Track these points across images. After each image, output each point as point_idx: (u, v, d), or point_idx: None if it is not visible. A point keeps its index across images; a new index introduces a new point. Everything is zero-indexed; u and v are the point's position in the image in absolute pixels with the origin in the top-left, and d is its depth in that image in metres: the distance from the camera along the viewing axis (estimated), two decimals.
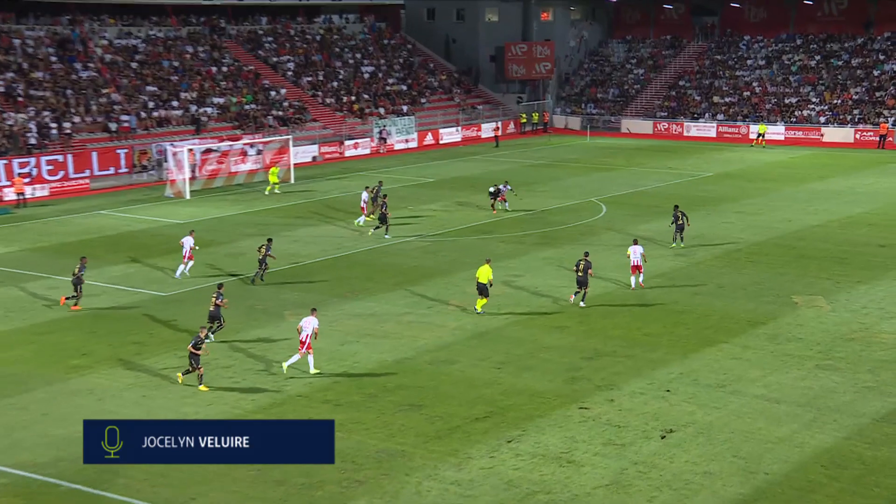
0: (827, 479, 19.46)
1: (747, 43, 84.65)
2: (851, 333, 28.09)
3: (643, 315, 30.28)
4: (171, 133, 62.54)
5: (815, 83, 77.25)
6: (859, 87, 74.91)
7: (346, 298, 32.81)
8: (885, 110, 71.68)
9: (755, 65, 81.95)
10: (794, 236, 40.60)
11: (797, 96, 76.70)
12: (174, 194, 53.68)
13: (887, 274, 34.27)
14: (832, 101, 74.66)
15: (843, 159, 63.00)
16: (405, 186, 55.72)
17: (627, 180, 55.72)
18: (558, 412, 22.90)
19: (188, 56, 71.08)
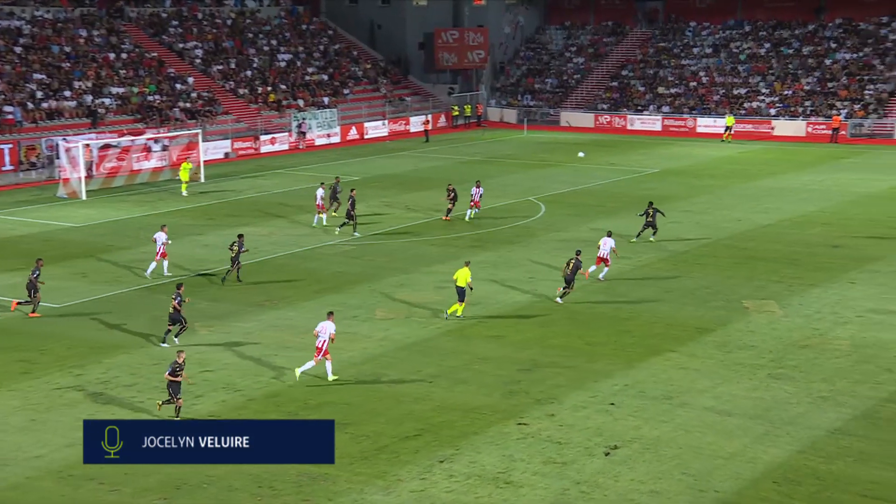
0: (780, 497, 19.87)
1: (693, 30, 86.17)
2: (805, 340, 28.71)
3: (585, 322, 30.59)
4: (64, 126, 61.46)
5: (764, 73, 78.94)
6: (811, 78, 76.76)
7: (264, 307, 32.57)
8: (837, 102, 73.52)
9: (702, 53, 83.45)
10: (743, 237, 41.37)
11: (746, 87, 78.29)
12: (68, 194, 52.75)
13: (841, 276, 35.13)
14: (783, 93, 76.36)
15: (794, 154, 64.42)
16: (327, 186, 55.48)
17: (567, 177, 56.27)
18: (495, 429, 23.01)
19: (82, 40, 69.89)
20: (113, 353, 28.47)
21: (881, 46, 77.31)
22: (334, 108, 74.95)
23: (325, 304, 32.71)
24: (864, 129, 71.01)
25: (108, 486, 20.63)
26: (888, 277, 34.92)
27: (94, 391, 25.69)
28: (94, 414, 24.16)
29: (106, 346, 29.09)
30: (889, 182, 53.30)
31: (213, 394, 25.35)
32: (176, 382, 23.29)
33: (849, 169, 58.34)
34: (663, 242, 40.19)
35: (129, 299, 33.79)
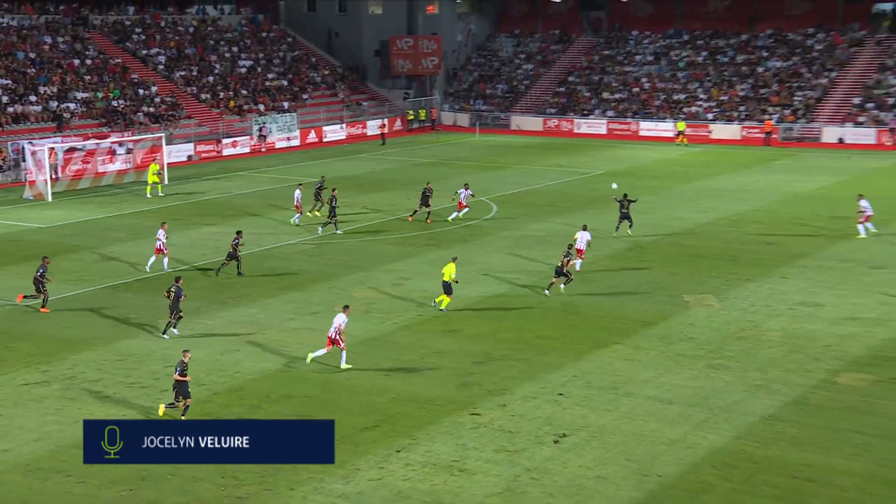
0: (718, 480, 20.08)
1: (635, 38, 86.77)
2: (741, 332, 29.04)
3: (535, 317, 30.70)
4: (30, 130, 60.61)
5: (702, 79, 79.69)
6: (745, 84, 77.62)
7: (227, 305, 32.33)
8: (769, 107, 74.44)
9: (643, 60, 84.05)
10: (684, 235, 41.74)
11: (685, 92, 78.97)
12: (34, 196, 52.04)
13: (774, 271, 35.57)
14: (719, 98, 77.13)
15: (730, 156, 65.10)
16: (288, 187, 55.17)
17: (518, 179, 56.43)
18: (449, 419, 23.02)
19: (47, 47, 68.92)
20: (79, 349, 28.12)
21: (808, 56, 78.39)
22: (294, 112, 74.52)
23: (285, 302, 32.57)
24: (794, 133, 71.91)
25: (74, 479, 20.37)
26: (816, 272, 35.41)
27: (61, 387, 25.35)
28: (61, 409, 23.86)
29: (72, 342, 28.72)
30: (816, 183, 54.04)
31: None
32: (184, 382, 22.72)
33: (780, 171, 59.05)
34: (609, 241, 40.43)
35: (95, 297, 33.39)
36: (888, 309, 30.91)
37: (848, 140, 69.69)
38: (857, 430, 22.20)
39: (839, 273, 35.13)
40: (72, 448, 21.77)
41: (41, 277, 31.73)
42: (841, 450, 21.29)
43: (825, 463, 20.72)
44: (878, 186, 52.63)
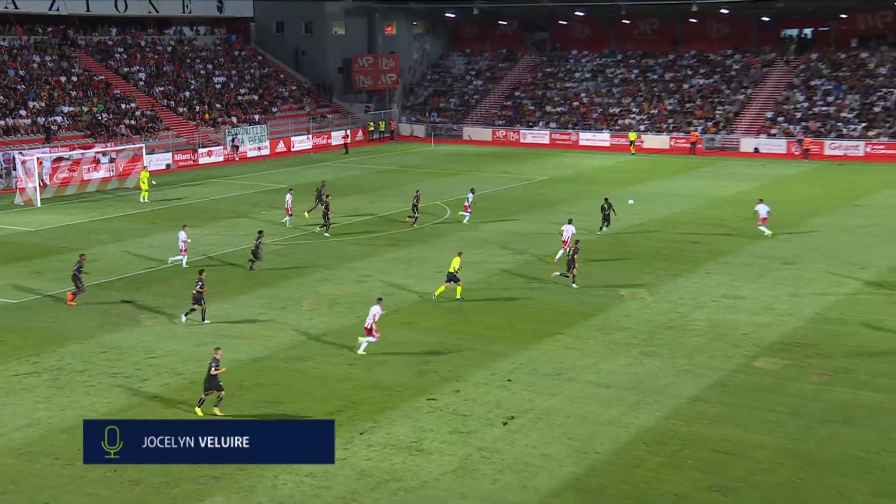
0: (649, 456, 20.26)
1: (575, 57, 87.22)
2: (670, 322, 29.30)
3: (485, 310, 30.75)
4: (20, 142, 59.59)
5: (634, 95, 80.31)
6: (672, 99, 78.36)
7: None
8: (694, 120, 75.27)
9: (582, 77, 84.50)
10: (620, 235, 41.99)
11: (620, 106, 79.52)
12: (24, 202, 51.29)
13: (699, 267, 35.94)
14: (650, 111, 77.80)
15: (660, 164, 65.68)
16: (258, 192, 54.80)
17: (470, 185, 56.36)
18: (408, 404, 23.00)
19: (35, 65, 67.79)
20: (66, 342, 27.71)
21: (727, 74, 79.34)
22: (264, 124, 73.97)
23: (257, 298, 32.33)
24: (716, 143, 72.72)
25: (63, 461, 20.10)
26: (736, 268, 35.84)
27: (50, 377, 24.99)
28: (50, 397, 23.52)
29: (59, 336, 28.29)
30: (736, 188, 54.66)
31: (158, 377, 24.85)
32: (216, 376, 22.03)
33: (704, 177, 59.67)
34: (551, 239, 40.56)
35: (81, 295, 32.87)
36: (798, 300, 31.39)
37: (763, 149, 70.63)
38: (770, 409, 22.52)
39: (757, 269, 35.58)
40: (60, 433, 21.48)
41: (78, 272, 31.35)
42: (756, 426, 21.58)
43: (743, 438, 20.99)
44: (789, 192, 53.48)
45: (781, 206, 48.48)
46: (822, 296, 31.79)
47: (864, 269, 35.21)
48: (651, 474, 19.42)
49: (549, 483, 19.09)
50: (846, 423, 21.67)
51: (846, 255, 37.55)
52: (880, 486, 18.87)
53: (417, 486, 19.02)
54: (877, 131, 68.69)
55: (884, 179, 56.80)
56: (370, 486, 18.99)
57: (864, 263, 36.11)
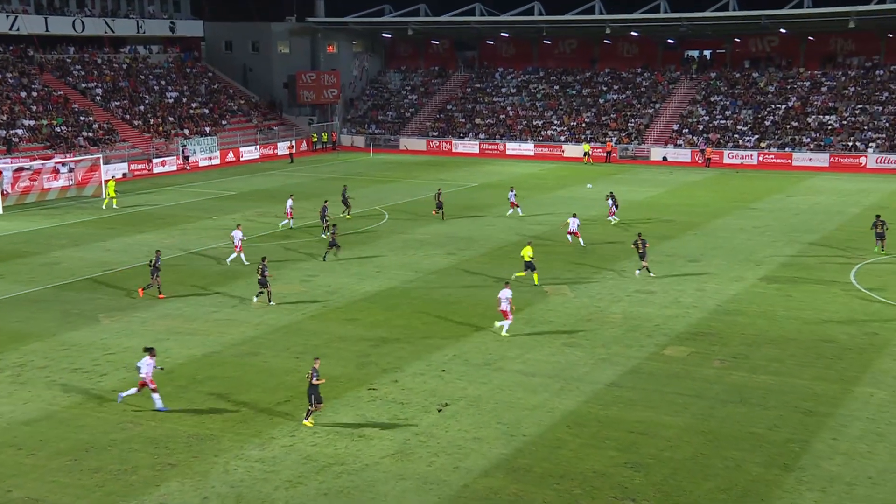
0: (571, 437, 20.47)
1: (501, 74, 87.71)
2: (589, 316, 29.61)
3: (422, 306, 30.73)
4: None
5: (556, 108, 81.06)
6: (589, 112, 79.31)
7: (158, 300, 31.40)
8: (609, 131, 76.27)
9: (508, 92, 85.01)
10: (544, 236, 42.26)
11: (542, 119, 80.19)
12: None
13: (616, 265, 36.38)
14: (570, 123, 78.62)
15: (579, 171, 66.40)
16: (209, 199, 53.99)
17: (406, 190, 56.39)
18: (350, 394, 22.89)
19: None
20: (27, 340, 26.97)
21: (638, 90, 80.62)
22: (215, 136, 72.90)
23: (209, 297, 31.84)
24: (629, 152, 73.81)
25: (25, 451, 19.57)
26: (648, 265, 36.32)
27: (12, 373, 24.30)
28: (13, 393, 22.88)
29: (21, 335, 27.52)
30: (647, 193, 55.50)
31: (116, 372, 24.33)
32: (317, 386, 20.83)
33: (619, 182, 60.41)
34: (482, 240, 40.78)
35: (42, 296, 32.06)
36: (702, 294, 31.99)
37: (670, 158, 71.89)
38: (678, 392, 22.91)
39: (665, 266, 36.14)
40: (22, 425, 20.91)
41: (155, 266, 31.29)
42: (666, 408, 21.95)
43: (654, 419, 21.33)
44: (694, 196, 54.48)
45: (687, 209, 49.46)
46: (723, 290, 32.46)
47: (760, 266, 36.05)
48: (572, 454, 19.62)
49: (480, 463, 19.16)
50: (743, 404, 22.17)
51: (744, 252, 38.40)
52: (772, 458, 19.37)
53: (359, 468, 18.94)
54: (768, 142, 70.52)
55: (775, 185, 58.27)
56: (315, 470, 18.85)
57: (759, 260, 36.97)
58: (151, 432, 20.53)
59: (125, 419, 21.27)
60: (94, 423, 21.10)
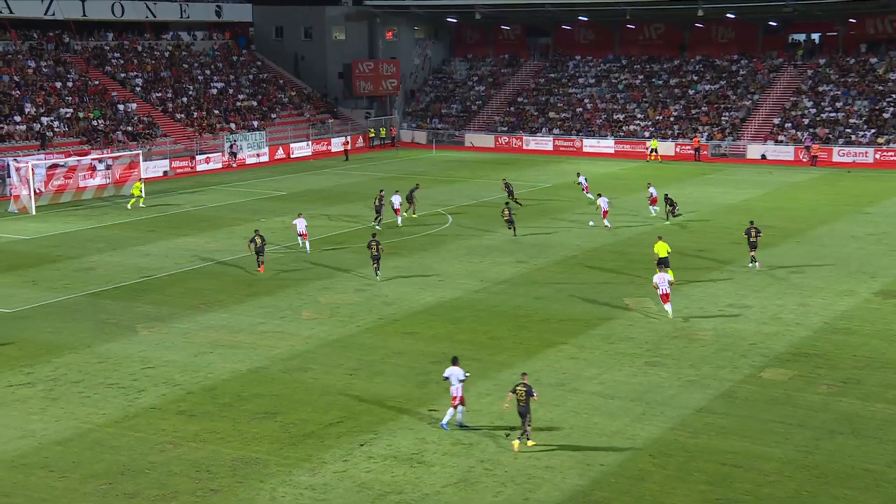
0: (655, 468, 20.24)
1: (578, 62, 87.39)
2: (675, 332, 29.29)
3: (488, 320, 30.75)
4: (15, 148, 59.68)
5: (639, 100, 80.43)
6: (677, 105, 78.47)
7: (199, 310, 32.04)
8: (699, 126, 75.36)
9: (586, 83, 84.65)
10: (625, 243, 42.00)
11: (624, 112, 79.65)
12: (19, 210, 51.36)
13: (705, 276, 35.92)
14: (655, 117, 77.91)
15: (665, 170, 65.73)
16: (257, 200, 54.90)
17: (471, 192, 56.54)
18: (409, 415, 23.00)
19: (30, 71, 67.94)
20: (61, 352, 27.74)
21: (733, 80, 79.48)
22: (263, 130, 74.12)
23: (255, 307, 32.36)
24: (722, 150, 72.81)
25: (57, 474, 20.10)
26: (742, 276, 35.82)
27: (45, 388, 25.00)
28: (45, 409, 23.55)
29: (54, 346, 28.32)
30: (741, 195, 54.66)
31: (155, 388, 24.86)
32: (526, 405, 21.04)
33: (710, 184, 59.69)
34: (555, 247, 40.65)
35: (76, 304, 32.95)
36: (806, 310, 31.37)
37: (770, 156, 70.70)
38: (778, 420, 22.49)
39: (764, 277, 35.56)
40: (55, 445, 21.49)
41: (262, 247, 36.42)
42: (764, 438, 21.57)
43: (750, 450, 20.97)
44: (797, 199, 53.49)
45: (789, 214, 48.57)
46: (831, 305, 31.78)
47: (874, 278, 35.20)
48: (657, 487, 19.40)
49: (553, 495, 19.07)
50: (855, 436, 21.64)
51: (855, 263, 37.54)
52: (890, 499, 18.84)
53: (418, 498, 19.01)
54: (886, 138, 68.74)
55: (893, 187, 56.81)
56: (370, 499, 18.98)
57: (873, 272, 36.10)
58: (192, 454, 20.92)
59: (164, 439, 21.71)
60: (131, 443, 21.59)
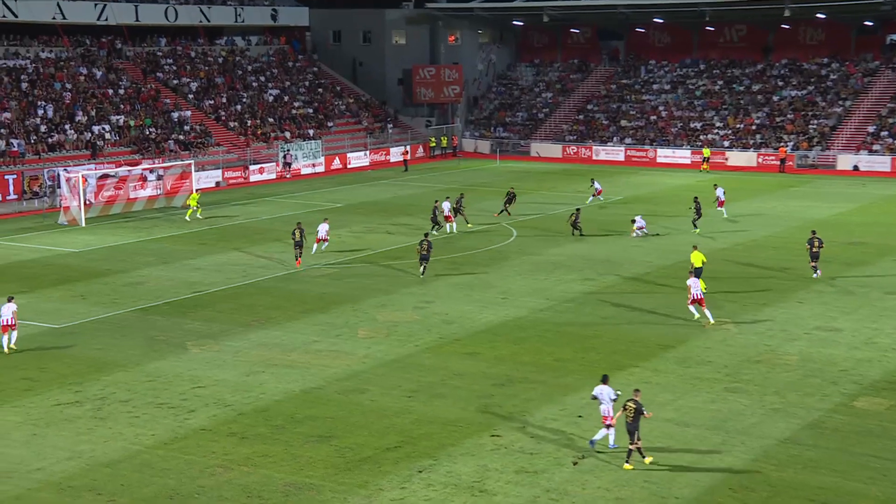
0: (735, 502, 19.89)
1: (653, 67, 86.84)
2: (758, 355, 28.84)
3: (554, 340, 30.62)
4: (65, 158, 61.16)
5: (718, 108, 79.60)
6: (760, 112, 77.47)
7: (252, 327, 32.42)
8: (784, 135, 74.23)
9: (661, 89, 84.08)
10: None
11: (702, 120, 78.88)
12: (68, 222, 52.50)
13: (790, 296, 35.33)
14: (735, 126, 77.01)
15: (746, 183, 64.90)
16: (313, 212, 55.42)
17: (536, 204, 56.42)
18: (470, 440, 22.96)
19: (82, 77, 69.68)
20: (110, 370, 28.26)
21: (823, 85, 78.21)
22: (319, 139, 74.94)
23: (310, 324, 32.63)
24: (809, 161, 71.64)
25: (105, 497, 20.44)
26: (832, 297, 35.17)
27: (93, 407, 25.48)
28: (93, 429, 23.98)
29: (103, 363, 28.87)
30: (831, 210, 53.73)
31: (205, 409, 25.18)
32: (634, 422, 21.32)
33: (796, 197, 58.78)
34: (625, 264, 40.36)
35: (125, 320, 33.58)
36: None
37: (863, 167, 69.38)
38: (873, 454, 21.97)
39: (856, 298, 34.86)
40: (103, 467, 21.87)
41: (300, 241, 40.01)
42: (857, 473, 21.08)
43: (841, 486, 20.51)
44: (894, 214, 52.31)
45: (884, 230, 47.56)
46: None
47: None
48: None
49: None
50: None
51: None
52: None
53: None
54: None
55: None
56: None
57: None
58: (244, 479, 21.13)
59: (214, 463, 21.98)
60: (181, 466, 21.88)
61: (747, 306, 34.06)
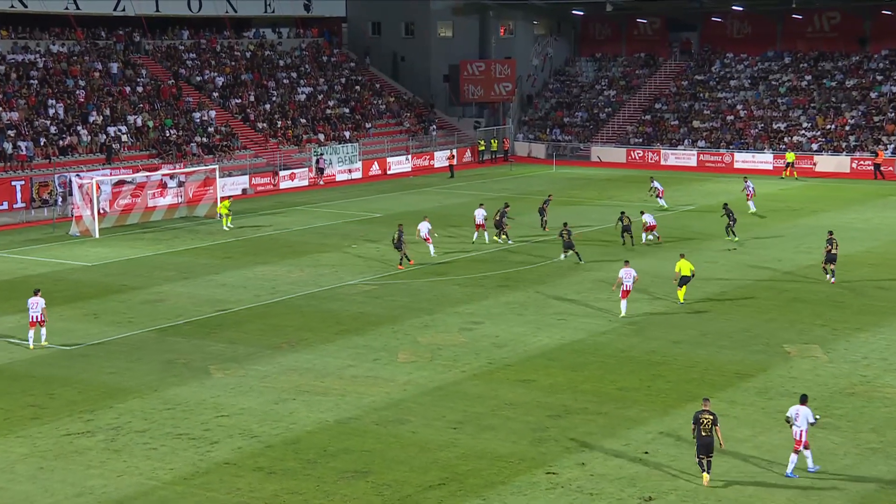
0: None
1: (730, 61, 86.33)
2: (852, 387, 28.45)
3: (616, 367, 30.45)
4: (78, 162, 62.05)
5: (805, 106, 78.90)
6: (855, 111, 76.64)
7: (281, 350, 32.60)
8: (884, 137, 73.29)
9: (739, 86, 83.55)
10: (785, 277, 41.12)
11: (786, 121, 78.23)
12: (81, 232, 53.11)
13: (890, 320, 34.83)
14: (825, 127, 76.24)
15: (838, 191, 64.19)
16: (348, 222, 55.73)
17: (597, 215, 56.24)
18: (523, 478, 22.88)
19: (97, 74, 70.73)
20: (124, 396, 28.54)
21: None
22: (356, 142, 75.35)
23: (345, 347, 32.75)
24: None
25: None
26: None
27: (105, 437, 25.72)
28: (105, 462, 24.20)
29: (117, 389, 29.16)
30: None
31: (229, 440, 25.33)
32: (712, 434, 22.43)
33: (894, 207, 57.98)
34: (700, 282, 40.06)
35: (142, 341, 33.92)
36: None
37: None
38: None
39: None
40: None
41: (401, 241, 42.61)
42: None
43: None
44: None
45: None
46: None
47: None
48: None
49: None
50: None
51: None
52: None
53: None
54: None
55: None
56: None
57: None
58: None
59: (238, 500, 22.09)
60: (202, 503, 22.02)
61: (838, 331, 33.63)
